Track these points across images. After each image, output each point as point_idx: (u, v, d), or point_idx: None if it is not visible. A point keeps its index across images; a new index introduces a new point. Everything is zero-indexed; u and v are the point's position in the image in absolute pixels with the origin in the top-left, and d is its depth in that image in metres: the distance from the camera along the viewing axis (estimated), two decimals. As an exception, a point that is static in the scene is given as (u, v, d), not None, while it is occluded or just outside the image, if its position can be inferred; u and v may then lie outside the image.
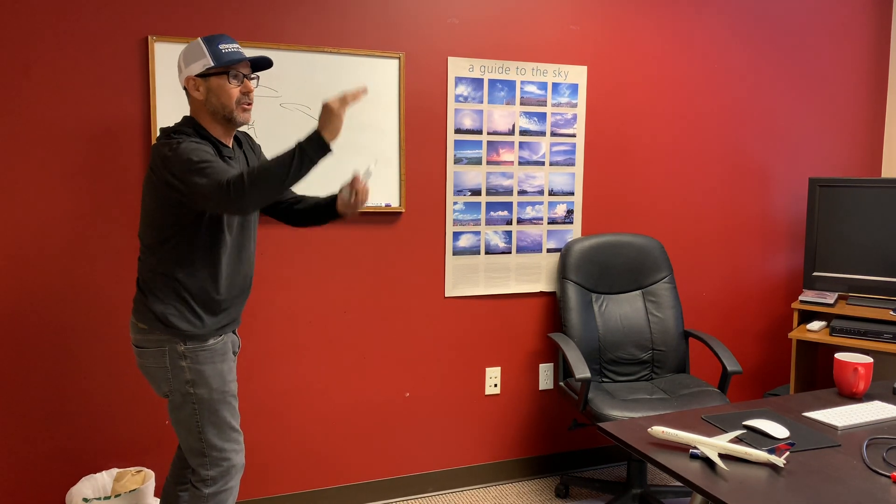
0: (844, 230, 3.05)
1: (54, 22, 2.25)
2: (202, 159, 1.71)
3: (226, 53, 1.83)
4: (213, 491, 1.91)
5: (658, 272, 2.97)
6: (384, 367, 2.78)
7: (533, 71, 2.85)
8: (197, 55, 1.83)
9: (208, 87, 1.84)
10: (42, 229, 2.30)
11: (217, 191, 1.66)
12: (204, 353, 1.88)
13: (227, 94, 1.84)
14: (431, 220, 2.78)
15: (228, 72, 1.83)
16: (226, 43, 1.85)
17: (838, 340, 2.86)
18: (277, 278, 2.58)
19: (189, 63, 1.84)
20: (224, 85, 1.84)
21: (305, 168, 1.67)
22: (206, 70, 1.82)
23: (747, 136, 3.29)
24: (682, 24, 3.09)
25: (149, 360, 1.87)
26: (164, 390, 1.89)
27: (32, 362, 2.33)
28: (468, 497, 2.89)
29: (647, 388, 2.73)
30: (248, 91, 1.87)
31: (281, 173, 1.65)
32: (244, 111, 1.88)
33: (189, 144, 1.77)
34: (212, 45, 1.82)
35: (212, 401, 1.89)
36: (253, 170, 1.64)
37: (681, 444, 1.62)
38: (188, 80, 1.85)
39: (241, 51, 1.87)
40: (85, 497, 2.24)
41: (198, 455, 1.91)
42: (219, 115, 1.86)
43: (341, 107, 1.68)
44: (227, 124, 1.89)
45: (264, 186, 1.64)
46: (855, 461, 1.56)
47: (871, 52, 3.51)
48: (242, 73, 1.86)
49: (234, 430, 1.94)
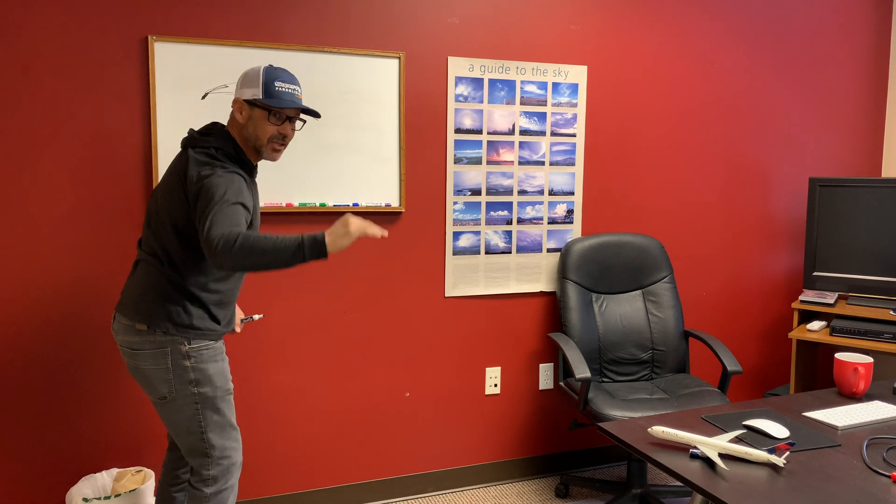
0: (844, 230, 3.05)
1: (54, 22, 2.25)
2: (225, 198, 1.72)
3: (278, 92, 1.88)
4: (215, 490, 1.92)
5: (658, 272, 2.97)
6: (384, 367, 2.78)
7: (533, 71, 2.85)
8: (252, 82, 1.88)
9: (251, 115, 1.89)
10: (42, 229, 2.30)
11: (207, 239, 1.67)
12: (207, 352, 1.89)
13: (263, 129, 1.89)
14: (431, 220, 2.78)
15: (271, 110, 1.88)
16: (283, 81, 1.89)
17: (838, 340, 2.86)
18: (277, 278, 2.58)
19: (243, 86, 1.90)
20: (263, 120, 1.88)
21: (295, 263, 1.68)
22: (253, 99, 1.87)
23: (747, 136, 3.29)
24: (682, 23, 3.09)
25: (145, 361, 1.86)
26: (161, 392, 1.88)
27: (32, 362, 2.33)
28: (468, 497, 2.89)
29: (647, 387, 2.73)
30: (284, 133, 1.92)
31: (271, 258, 1.65)
32: (274, 150, 1.93)
33: (221, 178, 1.77)
34: (269, 77, 1.87)
35: (215, 398, 1.90)
36: (248, 238, 1.64)
37: (681, 443, 1.62)
38: (236, 101, 1.90)
39: (296, 94, 1.92)
40: (85, 497, 2.24)
41: (200, 455, 1.91)
42: (250, 143, 1.91)
43: (359, 231, 1.71)
44: (254, 154, 1.94)
45: (249, 259, 1.64)
46: (855, 461, 1.56)
47: (871, 52, 3.51)
48: (286, 115, 1.90)
49: (233, 428, 1.96)
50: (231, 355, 2.55)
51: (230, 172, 1.81)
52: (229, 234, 1.66)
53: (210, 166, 1.80)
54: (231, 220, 1.70)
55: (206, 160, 1.83)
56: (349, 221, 1.71)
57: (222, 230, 1.66)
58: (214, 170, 1.79)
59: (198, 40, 2.37)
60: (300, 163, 2.55)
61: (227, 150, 1.88)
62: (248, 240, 1.64)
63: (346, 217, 1.72)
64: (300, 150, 2.54)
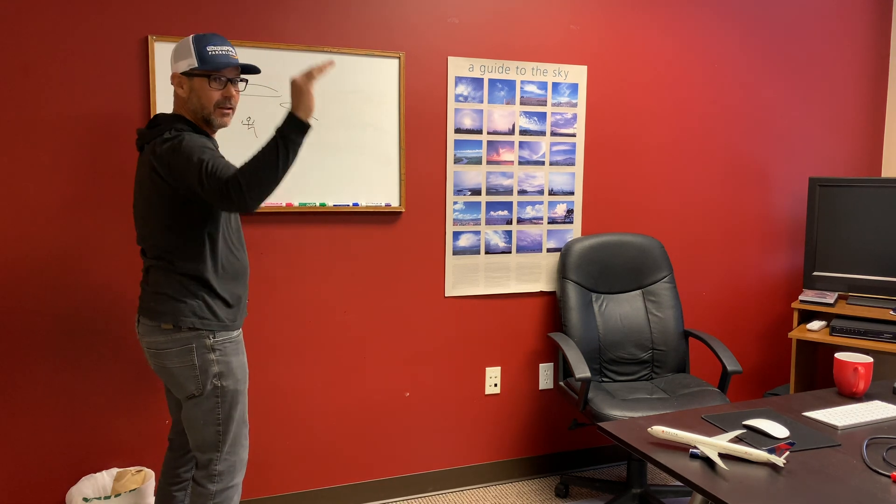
0: (844, 230, 3.05)
1: (54, 21, 2.25)
2: (202, 157, 1.71)
3: (212, 56, 1.83)
4: (221, 488, 1.92)
5: (658, 272, 2.97)
6: (384, 366, 2.78)
7: (533, 70, 2.85)
8: (184, 53, 1.84)
9: (191, 86, 1.85)
10: (42, 229, 2.30)
11: (219, 195, 1.66)
12: (230, 345, 1.90)
13: (207, 96, 1.85)
14: (431, 220, 2.78)
15: (210, 75, 1.84)
16: (215, 45, 1.84)
17: (838, 340, 2.86)
18: (277, 278, 2.58)
19: (177, 60, 1.85)
20: (205, 87, 1.84)
21: (293, 152, 1.66)
22: (190, 70, 1.83)
23: (747, 136, 3.29)
24: (682, 23, 3.09)
25: (172, 360, 1.85)
26: (190, 390, 1.87)
27: (32, 362, 2.33)
28: (468, 497, 2.89)
29: (647, 387, 2.73)
30: (228, 96, 1.88)
31: (272, 165, 1.63)
32: (223, 115, 1.89)
33: (191, 139, 1.77)
34: (200, 45, 1.82)
35: (236, 392, 1.91)
36: (244, 170, 1.63)
37: (681, 443, 1.62)
38: (174, 76, 1.87)
39: (230, 54, 1.87)
40: (85, 497, 2.24)
41: (211, 449, 1.90)
42: (198, 115, 1.88)
43: (307, 81, 1.66)
44: (206, 126, 1.90)
45: (261, 182, 1.63)
46: (855, 461, 1.56)
47: (871, 51, 3.51)
48: (226, 78, 1.87)
49: (245, 425, 1.97)
50: (231, 355, 2.56)
51: (192, 137, 1.78)
52: (230, 179, 1.64)
53: (170, 146, 1.76)
54: (222, 169, 1.68)
55: (164, 143, 1.79)
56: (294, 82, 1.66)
57: (219, 178, 1.65)
58: (177, 144, 1.76)
59: (198, 40, 2.37)
60: (300, 163, 2.55)
61: (183, 128, 1.85)
62: (245, 171, 1.62)
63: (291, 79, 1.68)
64: (300, 149, 2.54)
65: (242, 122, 2.46)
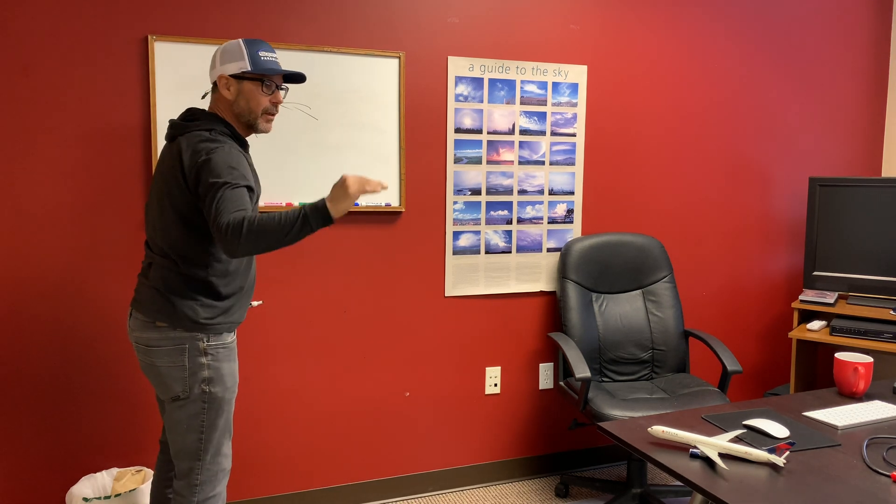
0: (844, 230, 3.05)
1: (54, 21, 2.25)
2: (225, 181, 1.69)
3: (264, 61, 1.84)
4: (202, 498, 1.87)
5: (658, 272, 2.97)
6: (384, 366, 2.78)
7: (533, 70, 2.85)
8: (235, 56, 1.83)
9: (240, 89, 1.85)
10: (42, 229, 2.30)
11: (216, 228, 1.66)
12: (223, 351, 1.87)
13: (256, 100, 1.86)
14: (431, 220, 2.78)
15: (263, 79, 1.85)
16: (265, 50, 1.86)
17: (838, 340, 2.85)
18: (278, 278, 2.58)
19: (225, 62, 1.84)
20: (255, 91, 1.85)
21: (304, 235, 1.67)
22: (241, 73, 1.83)
23: (747, 136, 3.29)
24: (682, 23, 3.09)
25: (162, 358, 1.83)
26: (175, 391, 1.84)
27: (32, 361, 2.33)
28: (468, 496, 2.89)
29: (647, 387, 2.73)
30: (276, 102, 1.89)
31: (280, 236, 1.64)
32: (267, 121, 1.90)
33: (227, 154, 1.74)
34: (252, 49, 1.84)
35: (223, 400, 1.87)
36: (253, 224, 1.63)
37: (681, 443, 1.62)
38: (221, 77, 1.85)
39: (278, 61, 1.89)
40: (85, 496, 2.24)
41: (191, 458, 1.86)
42: (243, 118, 1.88)
43: (358, 190, 1.67)
44: (248, 129, 1.91)
45: (261, 242, 1.64)
46: (855, 461, 1.56)
47: (871, 51, 3.51)
48: (276, 84, 1.88)
49: (229, 434, 1.94)
50: (231, 355, 2.56)
51: (227, 150, 1.76)
52: (236, 220, 1.63)
53: (205, 151, 1.75)
54: (236, 204, 1.67)
55: (200, 143, 1.77)
56: (347, 183, 1.66)
57: (228, 217, 1.64)
58: (211, 152, 1.74)
59: (198, 40, 2.37)
60: (300, 162, 2.55)
61: (222, 130, 1.84)
62: (253, 224, 1.62)
63: (343, 179, 1.67)
64: (300, 149, 2.54)
65: (242, 121, 2.46)
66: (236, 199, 1.68)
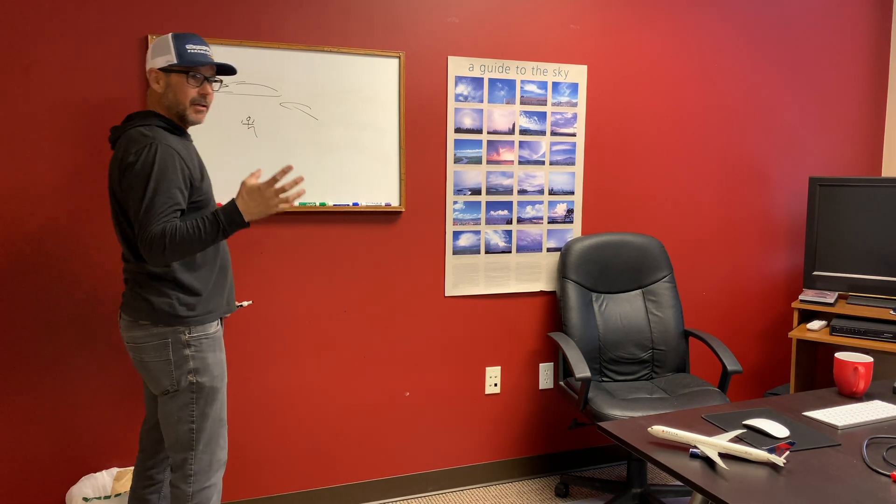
0: (844, 229, 3.05)
1: (54, 21, 2.25)
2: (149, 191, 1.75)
3: (191, 54, 1.88)
4: (197, 488, 1.92)
5: (658, 271, 2.97)
6: (384, 366, 2.78)
7: (533, 70, 2.85)
8: (163, 50, 1.88)
9: (168, 82, 1.89)
10: (42, 229, 2.30)
11: (140, 240, 1.74)
12: (207, 341, 1.91)
13: (184, 92, 1.90)
14: (431, 220, 2.78)
15: (188, 71, 1.88)
16: (194, 43, 1.90)
17: (838, 340, 2.86)
18: (277, 278, 2.58)
19: (155, 56, 1.89)
20: (182, 83, 1.89)
21: (221, 238, 1.79)
22: (168, 66, 1.87)
23: (747, 135, 3.29)
24: (682, 23, 3.09)
25: (149, 354, 1.88)
26: (164, 385, 1.89)
27: (32, 361, 2.33)
28: (468, 496, 2.89)
29: (647, 387, 2.73)
30: (204, 94, 1.93)
31: (199, 246, 1.77)
32: (197, 112, 1.94)
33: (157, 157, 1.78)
34: (179, 42, 1.88)
35: (212, 389, 1.92)
36: (175, 237, 1.73)
37: (681, 443, 1.62)
38: (150, 71, 1.90)
39: (208, 54, 1.93)
40: (85, 496, 2.24)
41: (184, 448, 1.91)
42: (173, 110, 1.91)
43: (266, 187, 1.79)
44: (180, 121, 1.94)
45: (184, 252, 1.75)
46: (855, 460, 1.56)
47: (871, 51, 3.51)
48: (203, 76, 1.92)
49: (222, 424, 1.98)
50: (230, 354, 2.56)
51: (155, 151, 1.78)
52: (157, 236, 1.72)
53: (133, 153, 1.78)
54: (157, 215, 1.74)
55: (131, 144, 1.80)
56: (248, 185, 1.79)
57: (150, 231, 1.73)
58: (139, 154, 1.77)
59: (198, 40, 2.37)
60: (300, 162, 2.55)
61: (157, 123, 1.87)
62: (175, 239, 1.73)
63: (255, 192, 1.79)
64: (300, 149, 2.54)
65: (242, 121, 2.46)
66: (157, 207, 1.75)
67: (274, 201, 1.81)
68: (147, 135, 1.81)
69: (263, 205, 1.80)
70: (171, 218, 1.76)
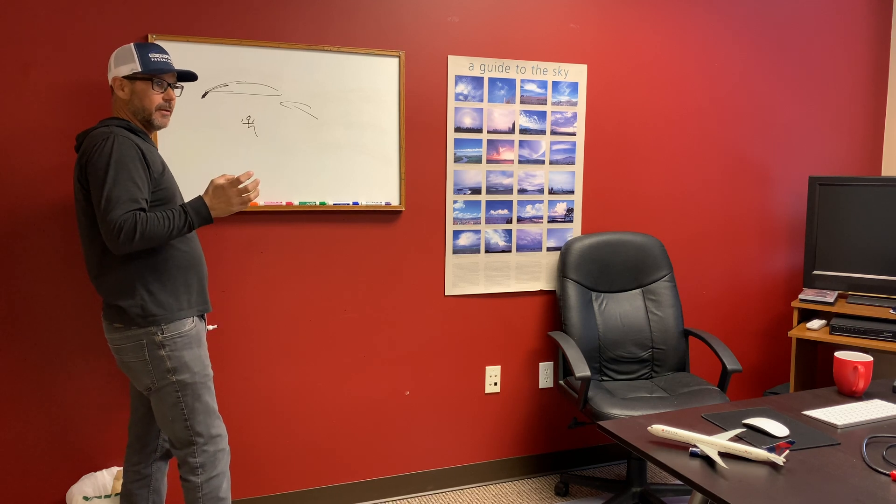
0: (844, 229, 3.05)
1: (54, 21, 2.25)
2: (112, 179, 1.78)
3: (154, 62, 1.95)
4: (206, 478, 2.00)
5: (658, 271, 2.97)
6: (384, 365, 2.78)
7: (533, 69, 2.85)
8: (127, 59, 1.94)
9: (133, 89, 1.96)
10: (42, 230, 2.30)
11: (106, 224, 1.77)
12: (181, 340, 1.95)
13: (149, 98, 1.97)
14: (431, 219, 2.78)
15: (153, 79, 1.96)
16: (156, 52, 1.97)
17: (838, 339, 2.86)
18: (277, 277, 2.59)
19: (119, 64, 1.95)
20: (147, 90, 1.97)
21: (187, 231, 1.89)
22: (132, 74, 1.94)
23: (747, 135, 3.29)
24: (682, 22, 3.09)
25: (129, 355, 1.94)
26: (145, 384, 1.95)
27: (31, 360, 2.33)
28: (468, 495, 2.89)
29: (646, 386, 2.74)
30: (169, 98, 2.01)
31: (166, 238, 1.84)
32: (163, 116, 2.02)
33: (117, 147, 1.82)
34: (142, 52, 1.95)
35: (195, 384, 1.97)
36: (145, 226, 1.79)
37: (681, 442, 1.63)
38: (115, 80, 1.96)
39: (170, 62, 2.00)
40: (85, 495, 2.25)
41: (186, 444, 1.99)
42: (139, 115, 1.98)
43: (230, 186, 1.90)
44: (146, 126, 2.01)
45: (153, 241, 1.82)
46: (855, 459, 1.56)
47: (871, 51, 3.51)
48: (167, 82, 2.00)
49: (216, 416, 2.03)
50: (230, 354, 2.56)
51: (116, 144, 1.82)
52: (128, 224, 1.77)
53: (93, 147, 1.83)
54: (123, 203, 1.78)
55: (92, 142, 1.84)
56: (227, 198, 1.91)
57: (118, 217, 1.77)
58: (101, 146, 1.82)
59: (198, 39, 2.37)
60: (300, 162, 2.55)
61: (118, 124, 1.92)
62: (145, 230, 1.79)
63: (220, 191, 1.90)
64: (300, 149, 2.54)
65: (242, 121, 2.46)
66: (119, 192, 1.79)
67: (236, 200, 1.92)
68: (105, 131, 1.86)
69: (227, 202, 1.91)
70: (134, 204, 1.80)
